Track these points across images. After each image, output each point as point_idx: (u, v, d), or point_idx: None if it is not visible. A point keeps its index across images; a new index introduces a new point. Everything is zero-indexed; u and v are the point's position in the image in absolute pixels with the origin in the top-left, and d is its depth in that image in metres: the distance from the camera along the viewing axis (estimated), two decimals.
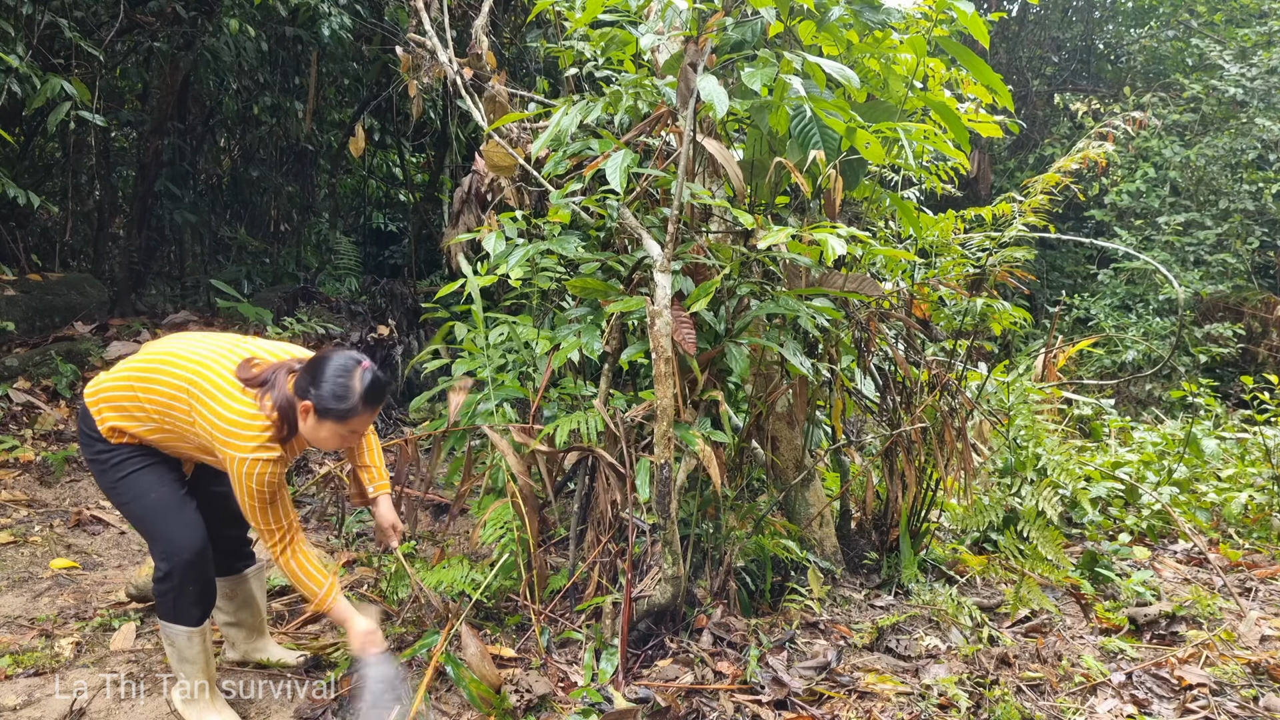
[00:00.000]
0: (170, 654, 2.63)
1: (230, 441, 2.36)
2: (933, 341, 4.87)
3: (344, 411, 2.39)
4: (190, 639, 2.58)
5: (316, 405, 2.39)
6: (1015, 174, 11.97)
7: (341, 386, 2.39)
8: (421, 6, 3.91)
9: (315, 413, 2.40)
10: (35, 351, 5.84)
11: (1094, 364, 9.09)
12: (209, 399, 2.40)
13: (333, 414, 2.39)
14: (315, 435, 2.45)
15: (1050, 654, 3.11)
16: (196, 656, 2.61)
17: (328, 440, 2.47)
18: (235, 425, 2.37)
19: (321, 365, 2.42)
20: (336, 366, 2.41)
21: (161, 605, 2.58)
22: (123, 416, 2.51)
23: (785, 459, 3.67)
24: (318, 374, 2.40)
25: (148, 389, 2.47)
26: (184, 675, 2.63)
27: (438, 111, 8.39)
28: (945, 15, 3.09)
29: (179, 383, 2.44)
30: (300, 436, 2.46)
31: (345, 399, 2.39)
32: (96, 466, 2.58)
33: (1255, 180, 9.52)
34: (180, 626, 2.57)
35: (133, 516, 2.60)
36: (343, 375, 2.40)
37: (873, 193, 3.85)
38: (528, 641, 3.05)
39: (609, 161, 2.87)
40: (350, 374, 2.40)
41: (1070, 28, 13.45)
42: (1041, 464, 4.57)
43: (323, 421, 2.41)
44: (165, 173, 7.62)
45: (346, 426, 2.43)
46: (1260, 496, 4.89)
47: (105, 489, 2.60)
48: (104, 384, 2.56)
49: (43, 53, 5.86)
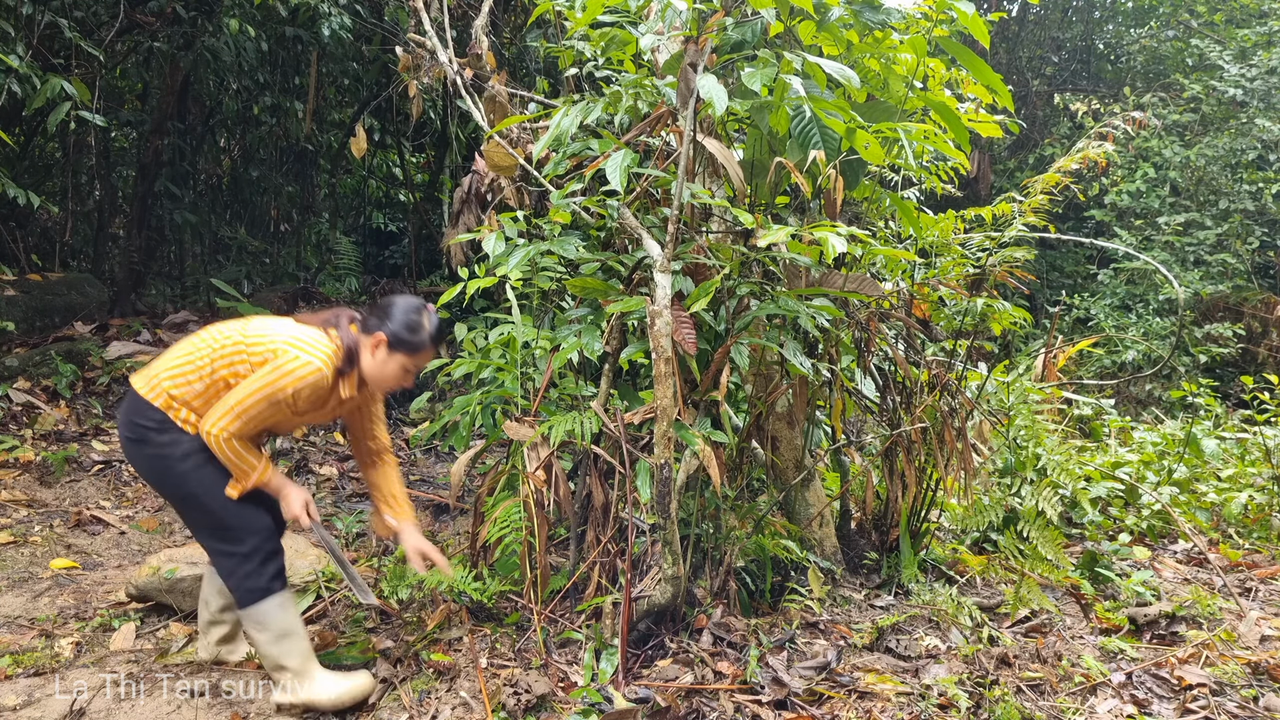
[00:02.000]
0: (263, 642, 2.62)
1: (293, 349, 2.50)
2: (933, 341, 4.86)
3: (415, 344, 2.62)
4: (284, 605, 2.63)
5: (390, 338, 2.59)
6: (1015, 174, 11.97)
7: (414, 321, 2.62)
8: (421, 6, 3.91)
9: (387, 345, 2.60)
10: (35, 351, 5.84)
11: (1094, 364, 9.09)
12: (269, 329, 2.58)
13: (405, 346, 2.61)
14: (382, 370, 2.63)
15: (1050, 654, 3.11)
16: (293, 623, 2.65)
17: (393, 375, 2.65)
18: (303, 339, 2.54)
19: (390, 304, 2.65)
20: (407, 305, 2.65)
21: (246, 590, 2.59)
22: (179, 383, 2.56)
23: (785, 459, 3.67)
24: (388, 311, 2.63)
25: (206, 344, 2.59)
26: (286, 658, 2.62)
27: (438, 111, 8.39)
28: (945, 15, 3.08)
29: (236, 328, 2.60)
30: (350, 379, 2.62)
31: (418, 332, 2.61)
32: (159, 461, 2.56)
33: (1255, 180, 9.52)
34: (272, 599, 2.61)
35: (201, 508, 2.59)
36: (414, 312, 2.64)
37: (873, 193, 3.85)
38: (528, 641, 3.05)
39: (609, 161, 2.87)
40: (420, 311, 2.65)
41: (1070, 28, 13.45)
42: (1041, 464, 4.57)
43: (393, 354, 2.62)
44: (165, 173, 7.62)
45: (413, 361, 2.64)
46: (1260, 496, 4.89)
47: (170, 481, 2.58)
48: (157, 366, 2.62)
49: (43, 53, 5.86)
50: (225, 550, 2.60)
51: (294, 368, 2.47)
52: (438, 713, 2.66)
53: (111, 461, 5.07)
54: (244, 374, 2.55)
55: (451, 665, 2.89)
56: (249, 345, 2.56)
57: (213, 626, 2.95)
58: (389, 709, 2.70)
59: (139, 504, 4.74)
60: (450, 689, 2.77)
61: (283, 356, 2.49)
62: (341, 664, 2.92)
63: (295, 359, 2.49)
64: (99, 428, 5.43)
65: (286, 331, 2.58)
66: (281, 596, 2.63)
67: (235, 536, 2.58)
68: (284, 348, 2.51)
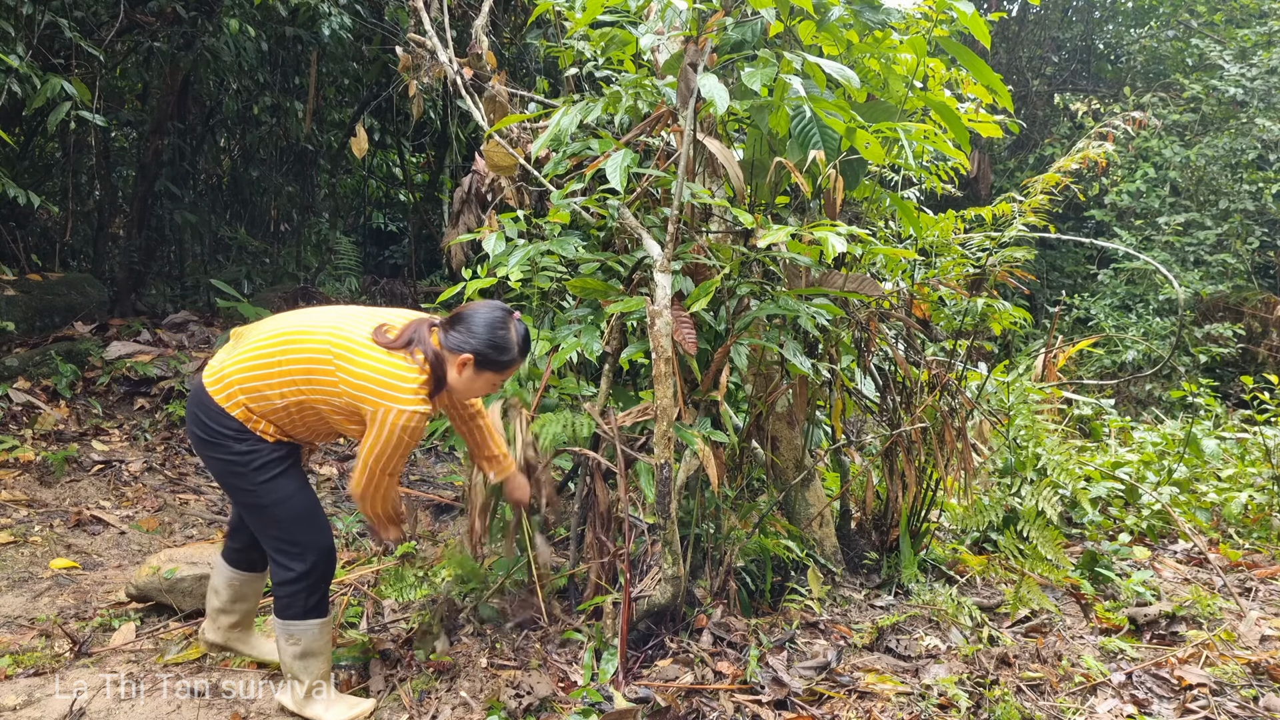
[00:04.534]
0: (289, 653, 2.62)
1: (387, 394, 2.38)
2: (933, 341, 4.87)
3: (505, 363, 2.54)
4: (322, 630, 2.63)
5: (477, 357, 2.50)
6: (1015, 174, 11.97)
7: (502, 338, 2.52)
8: (421, 6, 3.91)
9: (475, 365, 2.51)
10: (35, 351, 5.84)
11: (1094, 364, 9.09)
12: (357, 358, 2.42)
13: (493, 365, 2.53)
14: (470, 386, 2.56)
15: (1050, 654, 3.11)
16: (324, 648, 2.65)
17: (482, 389, 2.60)
18: (392, 378, 2.40)
19: (474, 318, 2.52)
20: (492, 319, 2.52)
21: (291, 605, 2.58)
22: (256, 398, 2.47)
23: (785, 459, 3.67)
24: (473, 327, 2.51)
25: (287, 359, 2.45)
26: (303, 673, 2.62)
27: (438, 111, 8.39)
28: (945, 15, 3.08)
29: (321, 347, 2.45)
30: (443, 393, 2.55)
31: (506, 350, 2.53)
32: (234, 468, 2.51)
33: (1255, 180, 9.51)
34: (313, 620, 2.61)
35: (271, 520, 2.56)
36: (501, 327, 2.53)
37: (873, 193, 3.85)
38: (528, 641, 3.05)
39: (609, 161, 2.87)
40: (506, 325, 2.54)
41: (1070, 28, 13.44)
42: (1041, 464, 4.57)
43: (481, 373, 2.54)
44: (165, 173, 7.62)
45: (502, 376, 2.59)
46: (1260, 496, 4.88)
47: (243, 489, 2.54)
48: (229, 369, 2.50)
49: (43, 53, 5.86)
50: (285, 563, 2.58)
51: (403, 423, 2.38)
52: (438, 713, 2.66)
53: (111, 461, 5.07)
54: (337, 406, 2.46)
55: (451, 665, 2.89)
56: (344, 381, 2.41)
57: (221, 614, 2.92)
58: (389, 709, 2.70)
59: (139, 504, 4.74)
60: (450, 689, 2.77)
61: (385, 415, 2.38)
62: (340, 663, 2.92)
63: (400, 414, 2.37)
64: (99, 428, 5.43)
65: (378, 366, 2.41)
66: (322, 621, 2.64)
67: (299, 554, 2.57)
68: (384, 403, 2.38)
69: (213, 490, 5.09)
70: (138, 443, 5.40)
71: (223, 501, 4.96)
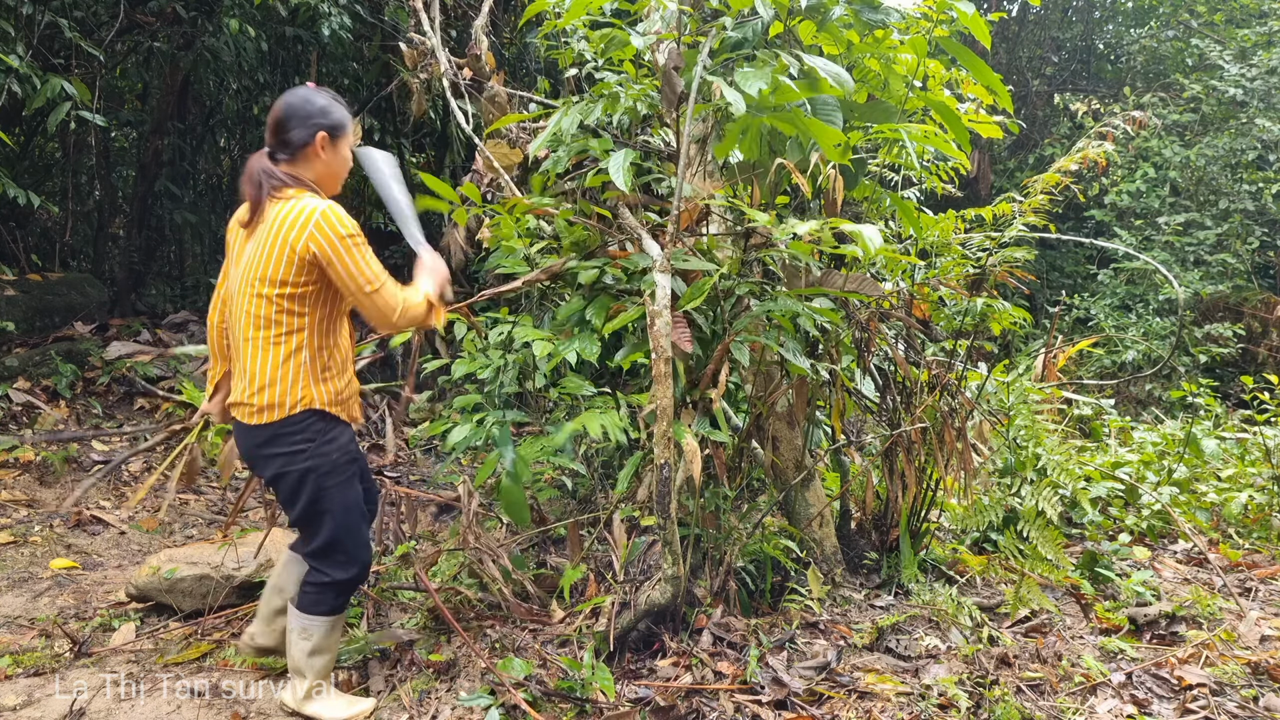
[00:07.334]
0: (300, 649, 2.63)
1: (300, 218, 2.37)
2: (933, 341, 4.86)
3: (345, 117, 2.55)
4: (335, 625, 2.67)
5: (330, 130, 2.50)
6: (1015, 174, 11.97)
7: (325, 101, 2.52)
8: (421, 6, 3.91)
9: (330, 137, 2.51)
10: (35, 351, 5.84)
11: (1094, 364, 9.09)
12: (266, 235, 2.41)
13: (342, 125, 2.52)
14: (340, 164, 2.57)
15: (1050, 654, 3.11)
16: (333, 646, 2.69)
17: (345, 161, 2.58)
18: (293, 209, 2.40)
19: (286, 117, 2.48)
20: (297, 102, 2.49)
21: (320, 602, 2.62)
22: (290, 371, 2.46)
23: (785, 459, 3.67)
24: (287, 123, 2.48)
25: (271, 304, 2.44)
26: (309, 670, 2.63)
27: (438, 111, 8.38)
28: (945, 15, 3.08)
29: (252, 274, 2.44)
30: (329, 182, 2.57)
31: (337, 106, 2.54)
32: (305, 471, 2.49)
33: (1255, 180, 9.51)
34: (332, 616, 2.64)
35: (327, 525, 2.57)
36: (311, 96, 2.51)
37: (873, 193, 3.85)
38: (527, 641, 3.04)
39: (611, 160, 2.87)
40: (312, 95, 2.52)
41: (1070, 28, 13.45)
42: (1041, 464, 4.57)
43: (338, 141, 2.53)
44: (165, 173, 7.62)
45: (346, 140, 2.57)
46: (1260, 496, 4.88)
47: (306, 493, 2.51)
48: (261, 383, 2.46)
49: (43, 53, 5.86)
50: (322, 567, 2.61)
51: (335, 224, 2.37)
52: (438, 713, 2.66)
53: (111, 461, 5.07)
54: (303, 283, 2.43)
55: (451, 665, 2.89)
56: (274, 253, 2.39)
57: (279, 616, 2.82)
58: (389, 709, 2.70)
59: (139, 504, 4.74)
60: (450, 689, 2.77)
61: (323, 235, 2.37)
62: (340, 663, 2.92)
63: (325, 217, 2.38)
64: (99, 427, 5.43)
65: (280, 214, 2.40)
66: (337, 618, 2.67)
67: (341, 562, 2.60)
68: (308, 228, 2.37)
69: (213, 490, 5.09)
70: (138, 443, 5.40)
71: (223, 502, 4.96)
